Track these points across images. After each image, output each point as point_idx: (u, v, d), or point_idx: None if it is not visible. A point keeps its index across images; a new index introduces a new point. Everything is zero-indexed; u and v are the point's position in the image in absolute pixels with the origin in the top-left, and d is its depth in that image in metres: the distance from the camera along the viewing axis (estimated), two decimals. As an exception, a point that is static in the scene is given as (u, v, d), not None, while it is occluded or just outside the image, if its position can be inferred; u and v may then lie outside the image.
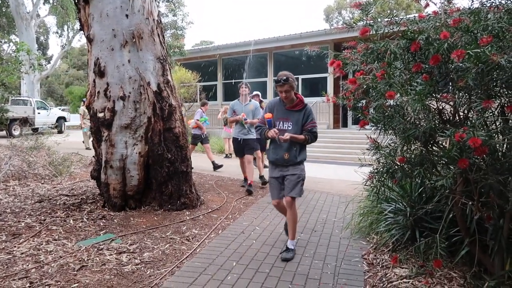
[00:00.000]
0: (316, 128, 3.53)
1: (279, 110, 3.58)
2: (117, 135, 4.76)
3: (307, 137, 3.47)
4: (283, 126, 3.53)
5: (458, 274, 2.91)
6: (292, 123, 3.51)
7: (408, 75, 2.43)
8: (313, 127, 3.51)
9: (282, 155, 3.50)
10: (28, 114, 18.53)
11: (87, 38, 4.92)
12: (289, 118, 3.53)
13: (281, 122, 3.55)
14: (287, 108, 3.55)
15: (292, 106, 3.54)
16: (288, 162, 3.51)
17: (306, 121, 3.51)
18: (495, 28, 2.14)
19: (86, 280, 2.96)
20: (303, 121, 3.51)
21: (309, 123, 3.51)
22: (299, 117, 3.51)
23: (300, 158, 3.54)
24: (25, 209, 4.79)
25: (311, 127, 3.51)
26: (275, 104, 3.63)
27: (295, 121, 3.51)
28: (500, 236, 2.48)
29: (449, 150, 2.07)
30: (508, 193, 2.28)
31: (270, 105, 3.68)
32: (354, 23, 2.67)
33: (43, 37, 34.68)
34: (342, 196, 5.95)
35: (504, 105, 2.38)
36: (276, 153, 3.55)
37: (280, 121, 3.56)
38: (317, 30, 14.54)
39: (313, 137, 3.51)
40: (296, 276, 3.11)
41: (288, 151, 3.49)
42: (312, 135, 3.50)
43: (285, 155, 3.49)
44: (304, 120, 3.51)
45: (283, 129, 3.52)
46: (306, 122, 3.51)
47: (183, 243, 3.84)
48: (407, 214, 3.29)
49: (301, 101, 3.56)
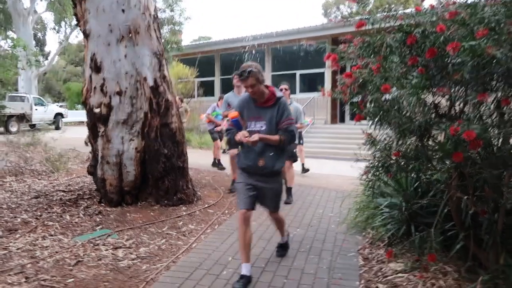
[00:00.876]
0: (293, 126, 2.98)
1: (249, 108, 3.01)
2: (113, 130, 4.75)
3: (282, 137, 2.90)
4: (255, 127, 2.95)
5: (452, 268, 2.91)
6: (265, 123, 2.94)
7: (404, 68, 2.42)
8: (289, 125, 2.93)
9: (255, 161, 2.93)
10: (25, 111, 18.48)
11: (83, 33, 4.90)
12: (262, 117, 2.95)
13: (252, 122, 2.97)
14: (258, 105, 2.98)
15: (264, 101, 2.97)
16: (264, 170, 2.93)
17: (281, 118, 2.93)
18: (491, 21, 2.13)
19: (82, 275, 2.96)
20: (277, 119, 2.93)
21: (284, 121, 2.93)
22: (272, 114, 2.94)
23: (278, 166, 2.98)
24: (22, 205, 4.78)
25: (287, 124, 2.93)
26: (245, 101, 3.06)
27: (269, 119, 2.93)
28: (494, 230, 2.48)
29: (444, 144, 2.07)
30: (502, 187, 2.29)
31: (239, 102, 3.13)
32: (350, 16, 2.66)
33: (40, 33, 34.55)
34: (339, 191, 5.95)
35: (500, 99, 2.38)
36: (248, 159, 2.96)
37: (252, 121, 2.98)
38: (315, 25, 14.50)
39: (290, 137, 2.94)
40: (292, 270, 3.12)
41: (262, 156, 2.91)
42: (288, 135, 2.93)
43: (260, 161, 2.91)
44: (278, 117, 2.93)
45: (256, 130, 2.93)
46: (281, 119, 2.93)
47: (179, 238, 3.84)
48: (402, 208, 3.29)
49: (273, 94, 2.97)
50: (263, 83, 2.95)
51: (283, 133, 2.91)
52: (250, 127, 2.98)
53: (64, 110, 22.75)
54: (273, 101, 2.96)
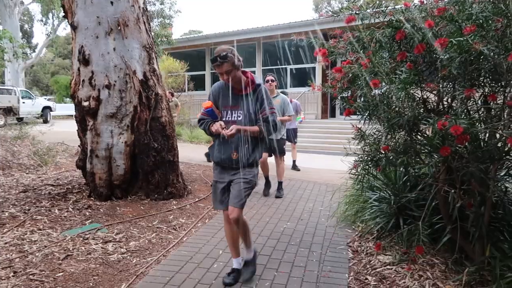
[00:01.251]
0: (274, 116, 2.71)
1: (225, 96, 2.73)
2: (102, 124, 4.71)
3: (261, 128, 2.66)
4: (231, 117, 2.70)
5: (440, 260, 2.97)
6: (242, 112, 2.68)
7: (393, 63, 2.45)
8: (269, 114, 2.67)
9: (229, 154, 2.67)
10: (12, 104, 18.15)
11: (71, 25, 4.82)
12: (238, 106, 2.69)
13: (228, 111, 2.72)
14: (235, 92, 2.69)
15: (241, 89, 2.68)
16: (238, 163, 2.68)
17: (260, 106, 2.68)
18: (479, 18, 2.16)
19: (71, 269, 2.94)
20: (256, 107, 2.68)
21: (263, 109, 2.67)
22: (250, 102, 2.68)
23: (253, 158, 2.71)
24: (9, 199, 4.72)
25: (267, 114, 2.67)
26: (220, 89, 2.78)
27: (246, 108, 2.67)
28: (481, 223, 2.53)
29: (432, 138, 2.10)
30: (488, 180, 2.33)
31: (213, 90, 2.82)
32: (340, 11, 2.66)
33: (27, 25, 33.90)
34: (329, 185, 5.99)
35: (487, 94, 2.41)
36: (222, 152, 2.71)
37: (228, 110, 2.72)
38: (306, 20, 14.52)
39: (271, 127, 2.68)
40: (282, 263, 3.14)
41: (237, 149, 2.66)
42: (268, 125, 2.67)
43: (233, 154, 2.66)
44: (257, 105, 2.68)
45: (232, 120, 2.68)
46: (261, 107, 2.68)
47: (170, 232, 3.84)
48: (391, 202, 3.34)
49: (252, 81, 2.70)
50: (240, 69, 2.66)
51: (262, 123, 2.66)
52: (225, 117, 2.72)
53: (52, 103, 22.39)
54: (252, 88, 2.69)
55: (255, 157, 2.73)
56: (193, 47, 17.95)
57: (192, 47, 17.94)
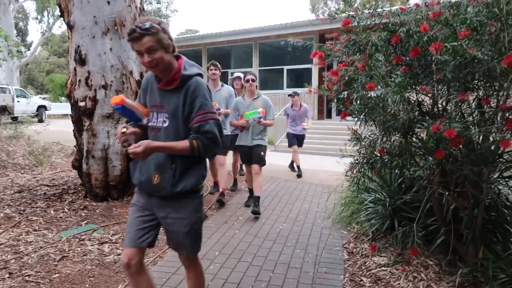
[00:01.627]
0: (212, 125, 1.84)
1: (153, 90, 1.95)
2: (98, 124, 4.70)
3: (194, 143, 1.81)
4: (156, 122, 1.91)
5: (434, 262, 3.00)
6: (168, 116, 1.87)
7: (389, 67, 2.47)
8: (204, 122, 1.83)
9: (150, 175, 1.89)
10: (7, 103, 18.03)
11: (67, 24, 4.81)
12: (165, 106, 1.88)
13: (154, 113, 1.93)
14: (161, 86, 1.89)
15: (168, 81, 1.87)
16: (160, 191, 1.88)
17: (191, 110, 1.83)
18: (474, 22, 2.18)
19: (67, 271, 2.94)
20: (185, 110, 1.84)
21: (196, 114, 1.83)
22: (177, 102, 1.85)
23: (183, 187, 1.86)
24: (4, 200, 4.69)
25: (201, 121, 1.82)
26: (148, 81, 2.00)
27: (172, 111, 1.86)
28: (474, 225, 2.56)
29: (426, 142, 2.12)
30: (482, 183, 2.36)
31: (143, 81, 2.06)
32: (336, 13, 2.68)
33: (22, 22, 33.69)
34: (325, 187, 6.02)
35: (481, 98, 2.44)
36: (141, 172, 1.94)
37: (154, 112, 1.93)
38: (302, 21, 14.51)
39: (207, 142, 1.83)
40: (278, 265, 3.16)
41: (159, 169, 1.86)
42: (203, 138, 1.82)
43: (154, 177, 1.87)
44: (186, 108, 1.84)
45: (157, 127, 1.91)
46: (192, 111, 1.83)
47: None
48: (386, 204, 3.37)
49: (179, 71, 1.86)
50: (171, 52, 1.84)
51: (195, 136, 1.83)
52: (152, 120, 1.94)
53: (48, 103, 22.26)
54: (178, 82, 1.85)
55: (187, 183, 1.87)
56: (189, 47, 17.92)
57: (189, 46, 17.90)
